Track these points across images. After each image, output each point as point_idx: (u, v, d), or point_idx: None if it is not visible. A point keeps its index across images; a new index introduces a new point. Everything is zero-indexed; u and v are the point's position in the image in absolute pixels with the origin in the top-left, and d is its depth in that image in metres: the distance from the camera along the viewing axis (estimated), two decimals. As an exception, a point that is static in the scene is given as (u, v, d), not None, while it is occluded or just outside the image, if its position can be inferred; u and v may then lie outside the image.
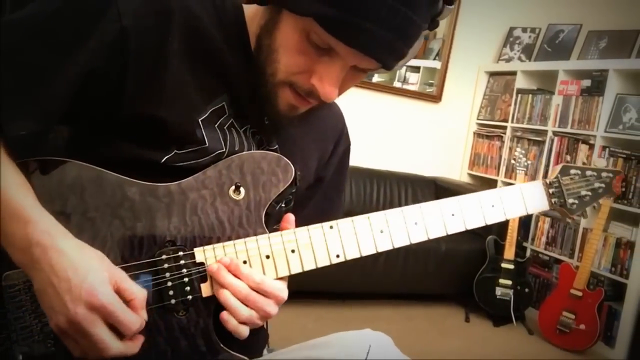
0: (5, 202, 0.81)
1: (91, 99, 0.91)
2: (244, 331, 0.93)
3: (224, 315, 0.92)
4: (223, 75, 0.99)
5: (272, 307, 0.94)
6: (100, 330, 0.79)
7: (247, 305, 0.93)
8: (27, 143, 0.88)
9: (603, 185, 1.25)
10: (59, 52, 0.87)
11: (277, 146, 1.07)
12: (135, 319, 0.81)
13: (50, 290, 0.78)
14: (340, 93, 0.97)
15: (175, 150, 0.95)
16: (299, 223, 1.01)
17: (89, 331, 0.78)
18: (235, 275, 0.93)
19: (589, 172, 1.25)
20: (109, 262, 0.85)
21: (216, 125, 0.99)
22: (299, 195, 1.17)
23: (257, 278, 0.93)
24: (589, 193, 1.23)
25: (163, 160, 0.95)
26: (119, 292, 0.82)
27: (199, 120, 0.96)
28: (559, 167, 1.23)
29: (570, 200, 1.21)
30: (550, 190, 1.20)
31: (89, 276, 0.78)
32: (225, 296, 0.92)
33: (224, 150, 1.00)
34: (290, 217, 1.01)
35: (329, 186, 1.25)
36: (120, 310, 0.80)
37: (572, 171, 1.23)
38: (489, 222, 1.11)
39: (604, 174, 1.25)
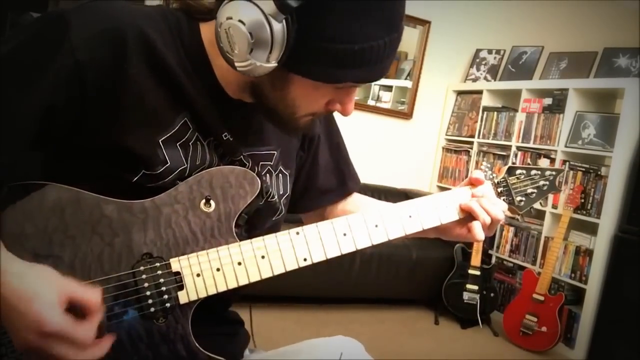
0: None
1: (55, 130, 0.89)
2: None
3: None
4: (182, 94, 0.96)
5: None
6: (59, 348, 0.76)
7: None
8: None
9: (547, 182, 1.25)
10: (19, 87, 0.84)
11: (241, 157, 1.04)
12: (87, 332, 0.78)
13: (5, 318, 0.76)
14: None
15: (144, 171, 0.93)
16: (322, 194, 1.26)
17: (49, 352, 0.76)
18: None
19: (533, 172, 1.26)
20: (57, 276, 0.80)
21: (178, 144, 0.97)
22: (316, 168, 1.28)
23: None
24: (535, 190, 1.24)
25: (134, 181, 0.93)
26: (72, 304, 0.78)
27: (160, 141, 0.94)
28: (505, 167, 1.24)
29: (518, 198, 1.22)
30: (499, 189, 1.21)
31: (34, 303, 0.75)
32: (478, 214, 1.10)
33: (186, 166, 0.98)
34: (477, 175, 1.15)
35: (338, 150, 1.38)
36: (71, 331, 0.76)
37: (518, 171, 1.24)
38: (444, 222, 1.12)
39: (547, 172, 1.26)
